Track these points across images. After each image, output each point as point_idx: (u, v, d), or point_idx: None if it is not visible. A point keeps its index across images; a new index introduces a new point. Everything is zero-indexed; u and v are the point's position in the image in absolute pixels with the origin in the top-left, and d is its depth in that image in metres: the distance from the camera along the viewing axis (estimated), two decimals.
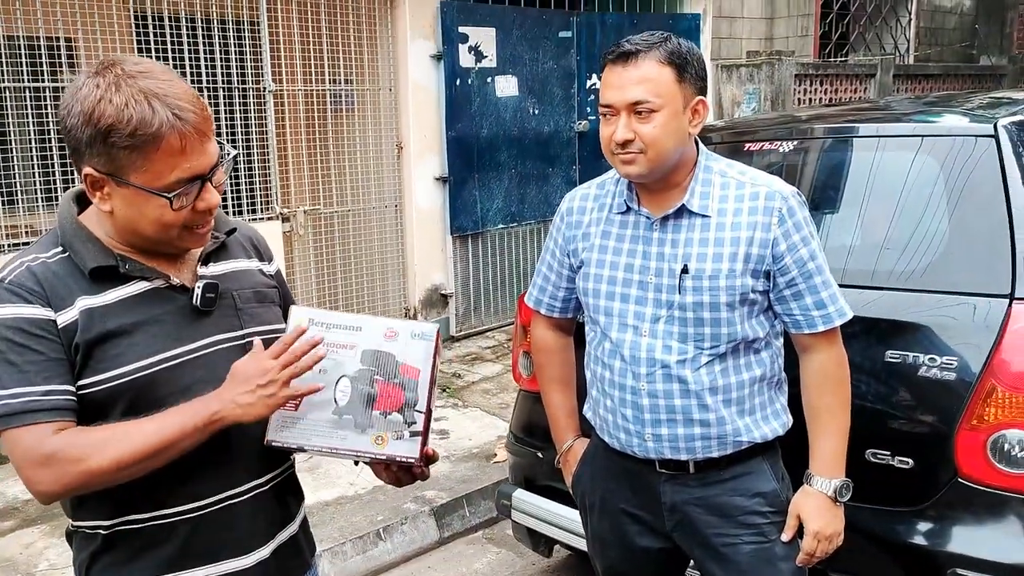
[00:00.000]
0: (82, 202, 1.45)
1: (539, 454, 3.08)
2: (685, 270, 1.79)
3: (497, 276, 6.45)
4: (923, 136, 2.44)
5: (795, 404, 1.94)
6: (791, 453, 1.95)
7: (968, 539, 2.09)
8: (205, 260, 1.49)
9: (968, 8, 12.17)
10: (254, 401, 1.36)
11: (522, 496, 3.04)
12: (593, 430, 2.04)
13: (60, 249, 1.39)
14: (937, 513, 2.13)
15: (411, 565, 3.64)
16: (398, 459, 1.48)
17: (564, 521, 2.89)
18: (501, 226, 6.39)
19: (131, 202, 1.34)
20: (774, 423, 1.89)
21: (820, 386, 1.86)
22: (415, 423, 1.47)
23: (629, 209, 1.89)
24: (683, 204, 1.82)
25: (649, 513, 1.94)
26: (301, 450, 1.48)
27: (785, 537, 1.86)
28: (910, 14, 11.15)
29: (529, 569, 3.55)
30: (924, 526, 2.14)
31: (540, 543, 3.13)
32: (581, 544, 2.87)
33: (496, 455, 4.34)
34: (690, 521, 1.89)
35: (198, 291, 1.43)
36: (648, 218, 1.86)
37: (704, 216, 1.81)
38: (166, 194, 1.32)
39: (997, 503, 2.06)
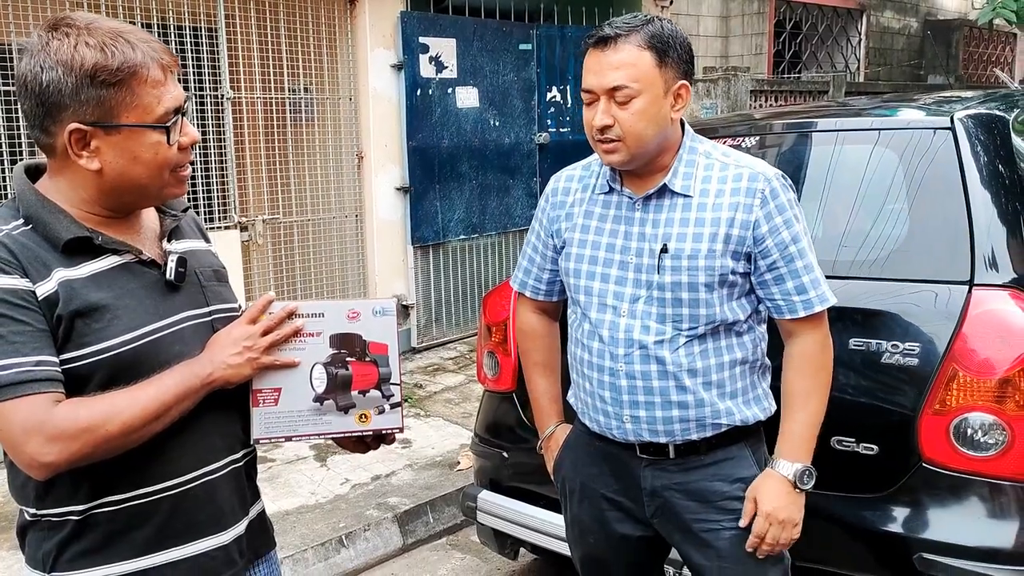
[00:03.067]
0: (32, 177, 1.42)
1: (504, 455, 3.05)
2: (664, 249, 1.78)
3: (458, 287, 6.43)
4: (882, 130, 2.49)
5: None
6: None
7: (934, 523, 2.11)
8: (168, 237, 1.47)
9: (915, 30, 12.51)
10: (243, 362, 1.39)
11: (488, 497, 3.01)
12: (576, 415, 2.02)
13: (22, 222, 1.34)
14: (903, 498, 2.14)
15: (374, 572, 3.58)
16: (384, 431, 1.53)
17: (531, 521, 2.86)
18: (462, 237, 6.37)
19: (123, 148, 1.33)
20: (755, 408, 1.87)
21: (799, 369, 1.84)
22: (393, 395, 1.51)
23: (612, 189, 1.88)
24: (665, 184, 1.81)
25: (629, 499, 1.92)
26: (289, 440, 1.50)
27: (742, 523, 1.83)
28: (860, 34, 11.43)
29: (494, 574, 3.51)
30: (890, 511, 2.16)
31: (506, 545, 3.10)
32: (549, 544, 2.85)
33: (459, 463, 4.30)
34: (670, 507, 1.87)
35: (171, 265, 1.42)
36: (630, 198, 1.85)
37: (686, 196, 1.80)
38: (162, 124, 1.32)
39: (961, 486, 2.08)
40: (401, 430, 1.55)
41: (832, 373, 1.86)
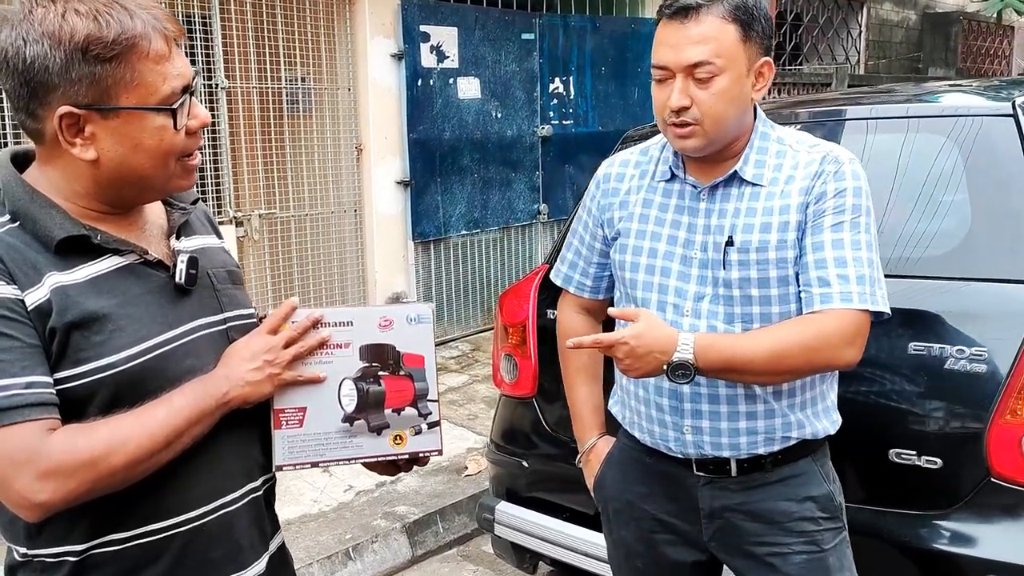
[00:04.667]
0: (20, 166, 1.23)
1: (523, 463, 2.89)
2: (730, 242, 1.60)
3: (460, 284, 6.25)
4: (938, 116, 2.32)
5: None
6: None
7: (1004, 543, 1.95)
8: (176, 234, 1.29)
9: (914, 22, 12.40)
10: (263, 378, 1.22)
11: (506, 509, 2.85)
12: (620, 428, 1.85)
13: (9, 218, 1.16)
14: (969, 516, 1.98)
15: None
16: (421, 455, 1.36)
17: (553, 535, 2.70)
18: (464, 232, 6.19)
19: (123, 134, 1.14)
20: (825, 421, 1.71)
21: (792, 322, 1.58)
22: (431, 413, 1.35)
23: (674, 177, 1.70)
24: (735, 171, 1.63)
25: (684, 522, 1.74)
26: (316, 465, 1.33)
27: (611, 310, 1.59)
28: (860, 26, 11.31)
29: None
30: (955, 530, 1.99)
31: (525, 559, 2.93)
32: (572, 559, 2.68)
33: (467, 467, 4.14)
34: (732, 529, 1.69)
35: (181, 266, 1.24)
36: (695, 187, 1.67)
37: (756, 185, 1.62)
38: (168, 107, 1.14)
39: None
40: (440, 452, 1.38)
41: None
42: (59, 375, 1.12)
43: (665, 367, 1.50)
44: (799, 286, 1.61)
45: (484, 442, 4.25)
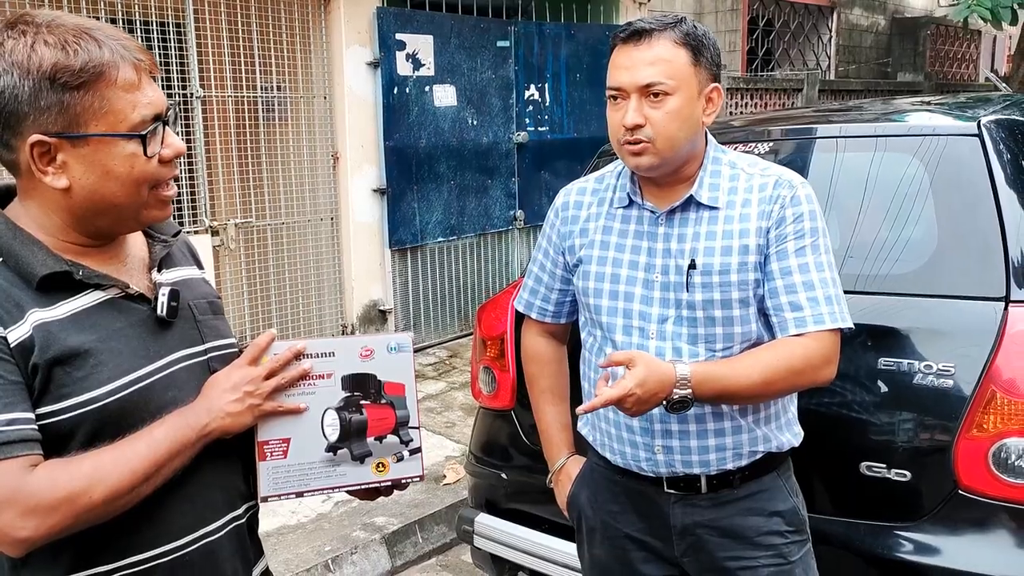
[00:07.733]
0: (2, 201, 1.25)
1: (502, 475, 2.91)
2: (692, 265, 1.67)
3: (437, 291, 6.26)
4: (904, 136, 2.38)
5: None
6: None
7: (971, 554, 2.00)
8: (158, 267, 1.31)
9: (883, 27, 12.56)
10: (243, 409, 1.24)
11: (485, 520, 2.87)
12: (591, 448, 1.89)
13: None
14: (937, 527, 2.03)
15: None
16: (403, 481, 1.39)
17: (532, 547, 2.73)
18: (441, 239, 6.21)
19: (94, 161, 1.16)
20: (787, 434, 1.77)
21: (773, 345, 1.65)
22: (412, 440, 1.38)
23: (632, 203, 1.76)
24: (691, 195, 1.69)
25: (656, 538, 1.79)
26: (300, 495, 1.34)
27: (600, 361, 1.60)
28: (830, 31, 11.44)
29: None
30: (924, 541, 2.04)
31: (504, 571, 2.95)
32: (549, 569, 2.71)
33: (445, 476, 4.15)
34: (702, 545, 1.75)
35: (163, 299, 1.25)
36: (653, 212, 1.73)
37: (713, 208, 1.69)
38: (137, 133, 1.16)
39: (1000, 515, 1.97)
40: (422, 478, 1.41)
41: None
42: (41, 410, 1.13)
43: (665, 403, 1.56)
44: (768, 310, 1.68)
45: (462, 450, 4.27)
